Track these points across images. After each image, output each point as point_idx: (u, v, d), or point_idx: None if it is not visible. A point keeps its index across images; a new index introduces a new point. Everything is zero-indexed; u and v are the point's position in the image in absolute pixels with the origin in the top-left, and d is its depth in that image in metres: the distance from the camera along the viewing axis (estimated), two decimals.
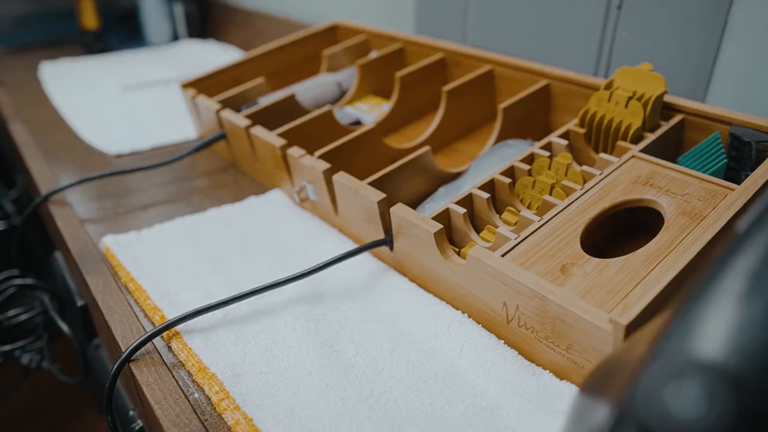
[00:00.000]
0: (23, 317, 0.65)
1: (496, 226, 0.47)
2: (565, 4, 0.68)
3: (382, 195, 0.48)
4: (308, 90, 0.77)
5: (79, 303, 0.59)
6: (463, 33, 0.81)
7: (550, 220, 0.44)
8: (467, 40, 0.81)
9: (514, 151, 0.57)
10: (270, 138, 0.61)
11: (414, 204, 0.55)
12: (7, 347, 0.65)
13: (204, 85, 0.80)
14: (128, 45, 1.36)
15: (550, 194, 0.49)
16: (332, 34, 0.92)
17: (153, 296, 0.48)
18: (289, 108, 0.71)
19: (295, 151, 0.58)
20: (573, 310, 0.36)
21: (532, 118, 0.65)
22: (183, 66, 1.18)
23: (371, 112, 0.75)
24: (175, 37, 1.37)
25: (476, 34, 0.80)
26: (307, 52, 0.90)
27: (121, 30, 1.45)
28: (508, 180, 0.49)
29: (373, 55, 0.83)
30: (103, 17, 1.31)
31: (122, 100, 1.00)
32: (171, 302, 0.48)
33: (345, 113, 0.73)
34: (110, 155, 0.79)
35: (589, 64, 0.68)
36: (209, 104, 0.72)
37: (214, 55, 1.25)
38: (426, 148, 0.55)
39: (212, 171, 0.73)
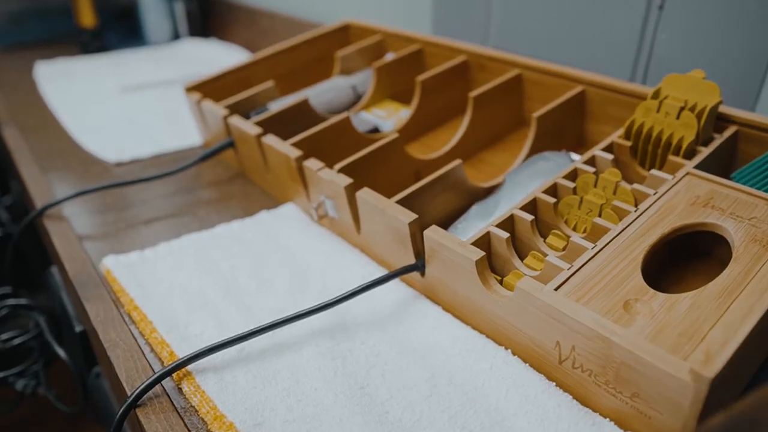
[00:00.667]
0: (17, 341, 0.60)
1: (541, 252, 0.43)
2: (600, 4, 0.63)
3: (414, 216, 0.44)
4: (321, 94, 0.72)
5: (78, 329, 0.55)
6: (485, 34, 0.76)
7: (605, 247, 0.39)
8: (489, 41, 0.77)
9: (552, 165, 0.53)
10: (284, 148, 0.56)
11: (443, 223, 0.51)
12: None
13: (209, 88, 0.75)
14: (127, 44, 1.30)
15: (600, 216, 0.44)
16: (344, 34, 0.87)
17: (160, 328, 0.43)
18: (302, 114, 0.66)
19: (312, 164, 0.53)
20: (644, 356, 0.32)
21: (566, 127, 0.61)
22: (184, 66, 1.13)
23: (389, 118, 0.70)
24: (176, 36, 1.32)
25: (499, 35, 0.75)
26: (318, 53, 0.85)
27: (119, 28, 1.40)
28: (552, 200, 0.45)
29: (390, 57, 0.78)
30: (101, 15, 1.26)
31: (122, 103, 0.95)
32: (180, 335, 0.43)
33: (361, 120, 0.68)
34: (109, 163, 0.74)
35: (624, 69, 0.64)
36: (216, 110, 0.67)
37: (216, 55, 1.20)
38: (457, 161, 0.50)
39: (219, 181, 0.68)
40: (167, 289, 0.48)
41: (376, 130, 0.67)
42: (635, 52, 0.62)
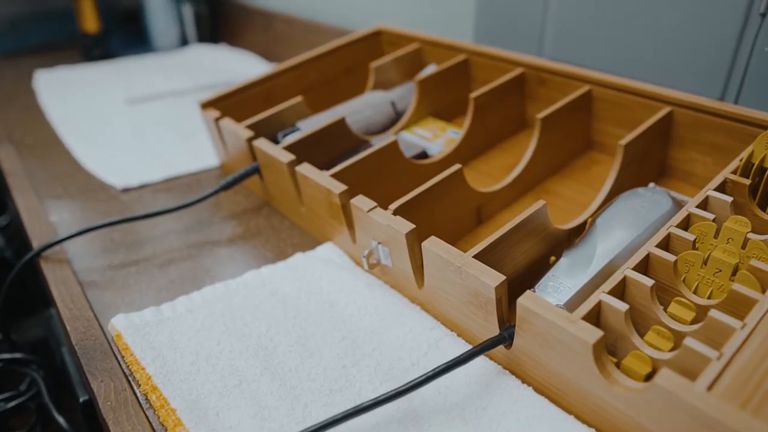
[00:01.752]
0: (12, 404, 0.52)
1: (665, 325, 0.34)
2: (687, 11, 0.55)
3: (501, 278, 0.35)
4: (357, 112, 0.64)
5: (83, 398, 0.47)
6: (540, 43, 0.68)
7: (758, 325, 0.31)
8: (544, 51, 0.68)
9: (647, 204, 0.44)
10: (325, 182, 0.47)
11: (523, 276, 0.42)
12: None
13: (227, 104, 0.67)
14: (132, 50, 1.22)
15: (733, 277, 0.36)
16: (376, 41, 0.79)
17: (185, 418, 0.35)
18: (338, 135, 0.58)
19: (361, 203, 0.44)
20: None
21: (649, 154, 0.52)
22: (194, 75, 1.05)
23: (435, 139, 0.62)
24: (184, 42, 1.24)
25: (557, 44, 0.66)
26: (347, 63, 0.76)
27: (123, 33, 1.31)
28: (670, 257, 0.36)
29: (432, 68, 0.70)
30: (105, 19, 1.17)
31: (128, 117, 0.86)
32: (211, 427, 0.34)
33: (405, 142, 0.60)
34: (116, 188, 0.65)
35: (713, 86, 0.55)
36: (238, 130, 0.58)
37: (228, 62, 1.11)
38: (541, 203, 0.42)
39: (241, 212, 0.60)
40: (192, 362, 0.39)
41: (423, 155, 0.58)
42: (728, 68, 0.54)
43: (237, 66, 1.09)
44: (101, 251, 0.53)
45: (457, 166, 0.47)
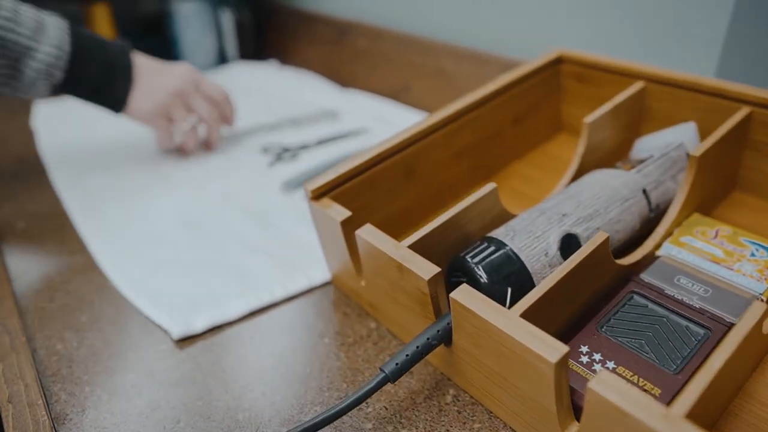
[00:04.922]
0: None
1: None
2: None
3: None
4: (597, 212, 0.37)
5: None
6: None
7: None
8: None
9: None
10: None
11: None
12: None
13: (353, 189, 0.40)
14: None
15: None
16: (554, 73, 0.52)
17: None
18: (593, 268, 0.31)
19: None
20: None
21: None
22: (244, 105, 0.78)
23: (734, 262, 0.35)
24: (223, 59, 0.97)
25: None
26: (515, 110, 0.50)
27: (146, 48, 1.04)
28: None
29: (690, 131, 0.42)
30: (122, 30, 0.90)
31: (168, 182, 0.59)
32: None
33: (702, 275, 0.33)
34: (171, 336, 0.39)
35: None
36: (413, 263, 0.32)
37: (283, 86, 0.84)
38: None
39: (411, 406, 0.33)
40: None
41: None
42: None
43: (297, 89, 0.82)
44: None
45: None
